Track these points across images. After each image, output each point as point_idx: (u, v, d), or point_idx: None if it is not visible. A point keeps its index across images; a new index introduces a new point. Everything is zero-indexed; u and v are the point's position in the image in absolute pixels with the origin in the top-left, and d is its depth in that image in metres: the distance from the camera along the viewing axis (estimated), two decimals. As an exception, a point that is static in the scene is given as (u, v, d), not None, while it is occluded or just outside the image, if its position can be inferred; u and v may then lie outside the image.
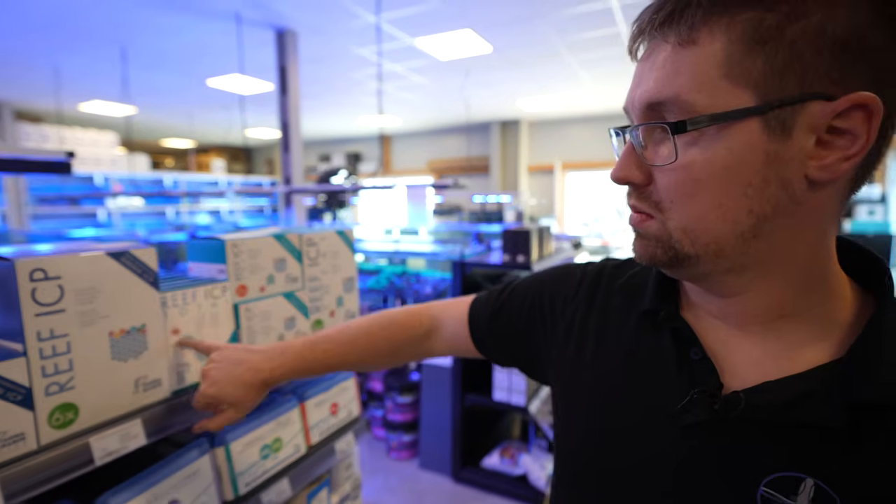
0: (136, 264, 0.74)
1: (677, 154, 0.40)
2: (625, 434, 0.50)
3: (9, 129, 6.55)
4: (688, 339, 0.48)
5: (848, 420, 0.38)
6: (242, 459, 0.96)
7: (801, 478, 0.39)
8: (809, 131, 0.37)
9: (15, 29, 3.98)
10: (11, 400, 0.61)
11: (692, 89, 0.39)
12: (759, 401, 0.41)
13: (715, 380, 0.45)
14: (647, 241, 0.45)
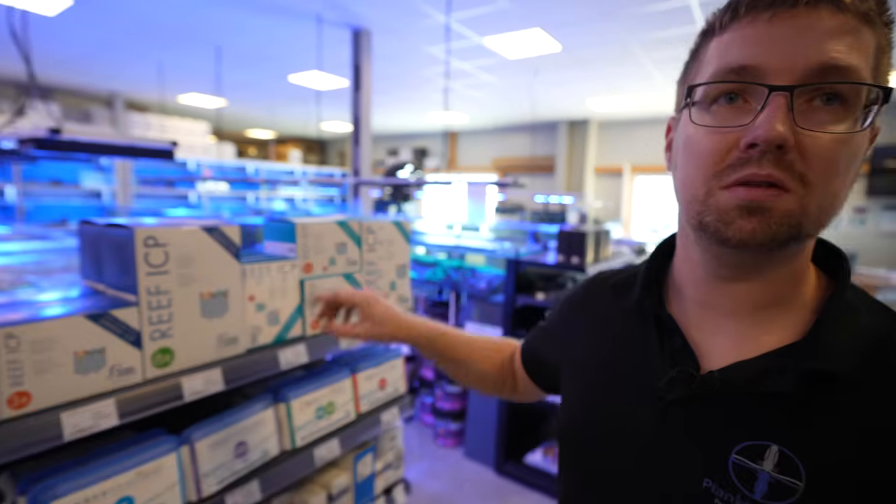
0: (224, 238, 0.88)
1: (865, 124, 0.40)
2: (608, 410, 0.54)
3: (120, 118, 7.36)
4: (670, 329, 0.52)
5: (802, 389, 0.42)
6: (300, 416, 1.09)
7: (766, 445, 0.43)
8: (873, 130, 0.43)
9: (128, 29, 4.49)
10: (126, 339, 0.77)
11: (865, 68, 0.40)
12: (730, 378, 0.45)
13: (693, 362, 0.49)
14: (770, 218, 0.41)
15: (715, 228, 0.43)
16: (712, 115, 0.44)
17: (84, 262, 0.94)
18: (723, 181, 0.43)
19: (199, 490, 0.90)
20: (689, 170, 0.46)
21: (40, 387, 0.68)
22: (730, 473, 0.43)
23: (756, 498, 0.42)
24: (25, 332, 0.66)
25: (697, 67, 0.48)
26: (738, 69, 0.42)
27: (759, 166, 0.40)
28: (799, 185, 0.40)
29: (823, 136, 0.40)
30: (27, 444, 0.66)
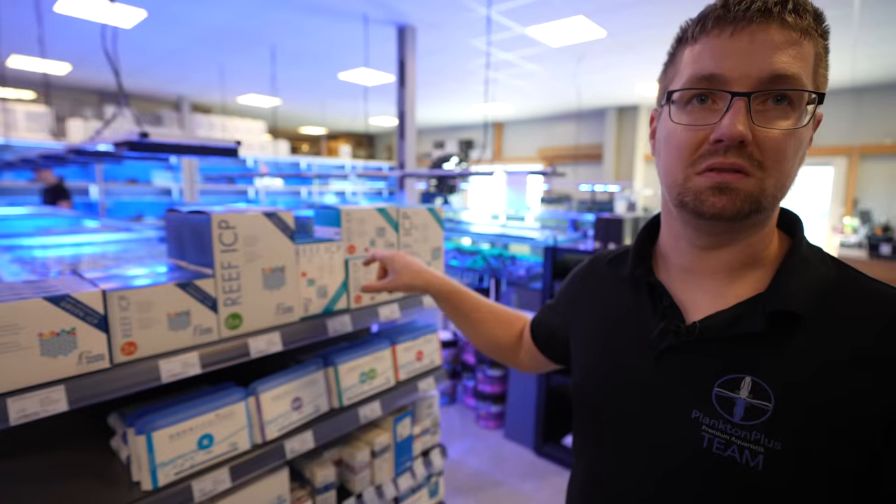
0: (281, 222, 1.04)
1: (808, 120, 0.51)
2: (611, 365, 0.65)
3: (187, 119, 7.94)
4: (660, 292, 0.63)
5: (769, 328, 0.52)
6: (346, 379, 1.25)
7: (741, 377, 0.53)
8: (814, 121, 0.53)
9: (193, 37, 4.86)
10: (205, 304, 0.94)
11: (806, 74, 0.50)
12: (709, 325, 0.56)
13: (680, 317, 0.59)
14: (734, 195, 0.51)
15: (693, 206, 0.53)
16: (687, 114, 0.54)
17: (169, 244, 1.13)
18: (697, 168, 0.53)
19: (264, 434, 1.07)
20: (669, 159, 0.56)
21: (144, 339, 0.86)
22: (713, 403, 0.53)
23: (735, 420, 0.52)
24: (133, 294, 0.84)
25: (674, 70, 0.57)
26: (708, 76, 0.51)
27: (724, 156, 0.50)
28: (757, 169, 0.50)
29: (774, 131, 0.50)
30: (136, 382, 0.84)
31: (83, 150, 1.71)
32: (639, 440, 0.60)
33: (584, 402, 0.70)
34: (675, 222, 0.61)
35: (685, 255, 0.61)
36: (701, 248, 0.58)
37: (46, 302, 0.74)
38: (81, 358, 0.79)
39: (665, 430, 0.57)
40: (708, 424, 0.53)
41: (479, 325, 0.94)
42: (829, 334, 0.51)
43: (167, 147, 1.36)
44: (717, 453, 0.52)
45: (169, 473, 0.91)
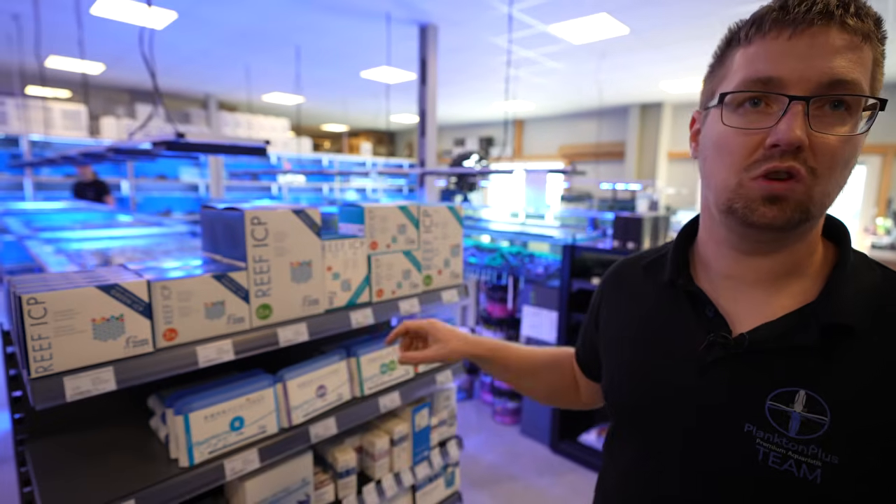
0: (308, 219, 1.10)
1: (865, 128, 0.50)
2: (654, 380, 0.62)
3: (214, 117, 8.14)
4: (703, 301, 0.60)
5: (822, 341, 0.51)
6: (368, 370, 1.30)
7: (795, 391, 0.51)
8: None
9: (221, 37, 5.00)
10: (238, 295, 1.01)
11: (864, 80, 0.49)
12: (759, 337, 0.54)
13: (726, 328, 0.57)
14: (785, 205, 0.50)
15: (742, 213, 0.52)
16: (740, 117, 0.52)
17: (204, 238, 1.20)
18: (752, 173, 0.51)
19: (290, 419, 1.13)
20: (720, 163, 0.54)
21: (183, 326, 0.93)
22: (767, 417, 0.52)
23: (791, 435, 0.51)
24: (174, 285, 0.91)
25: (724, 73, 0.55)
26: (765, 80, 0.50)
27: (780, 160, 0.49)
28: (810, 175, 0.49)
29: (831, 138, 0.49)
30: (176, 366, 0.91)
31: (123, 148, 1.80)
32: (685, 450, 0.58)
33: (624, 419, 0.68)
34: (718, 227, 0.59)
35: (727, 262, 0.59)
36: (744, 253, 0.57)
37: (98, 290, 0.81)
38: (128, 342, 0.86)
39: (716, 442, 0.55)
40: (763, 438, 0.52)
41: (533, 378, 0.89)
42: (883, 345, 0.51)
43: (201, 147, 1.43)
44: (773, 467, 0.51)
45: (203, 452, 0.98)
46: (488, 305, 3.62)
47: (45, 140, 6.44)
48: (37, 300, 0.74)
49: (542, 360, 0.89)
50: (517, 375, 0.88)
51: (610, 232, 3.26)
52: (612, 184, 6.03)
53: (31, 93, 7.12)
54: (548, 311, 3.07)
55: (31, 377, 0.74)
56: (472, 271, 3.62)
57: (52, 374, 0.76)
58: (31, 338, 0.74)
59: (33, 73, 6.18)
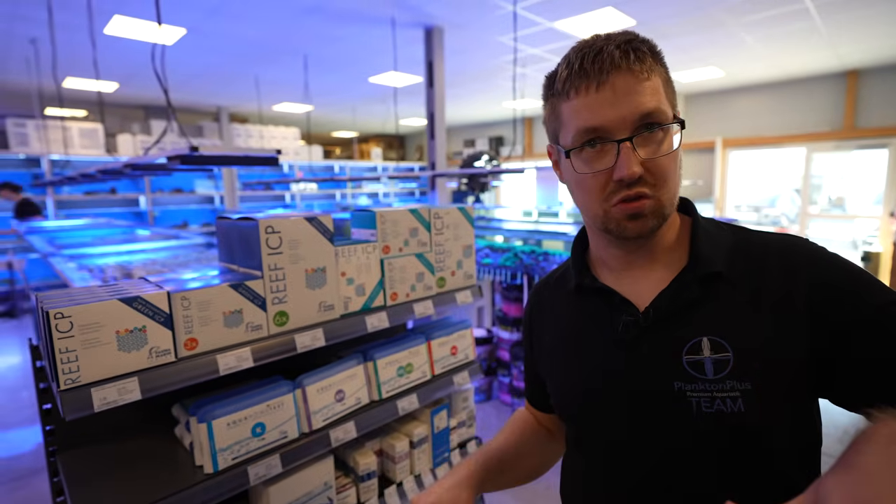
0: (321, 226, 1.12)
1: (678, 142, 0.63)
2: (586, 370, 0.70)
3: (225, 129, 8.27)
4: (609, 293, 0.70)
5: (703, 292, 0.63)
6: (385, 373, 1.31)
7: (699, 340, 0.61)
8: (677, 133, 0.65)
9: (230, 50, 5.08)
10: (255, 303, 1.02)
11: (663, 101, 0.62)
12: (659, 306, 0.64)
13: (633, 309, 0.66)
14: (645, 218, 0.62)
15: (617, 231, 0.64)
16: (585, 161, 0.63)
17: (220, 248, 1.22)
18: (610, 202, 0.63)
19: (310, 424, 1.15)
20: (586, 199, 0.66)
21: (203, 335, 0.95)
22: (687, 369, 0.61)
23: (709, 377, 0.60)
24: (193, 295, 0.93)
25: (559, 122, 0.66)
26: (591, 129, 0.61)
27: (629, 189, 0.61)
28: (654, 189, 0.61)
29: (659, 158, 0.61)
30: (197, 375, 0.93)
31: (139, 164, 1.85)
32: (635, 428, 0.65)
33: (572, 413, 0.74)
34: (600, 238, 0.71)
35: (618, 259, 0.71)
36: (628, 251, 0.69)
37: (121, 303, 0.83)
38: (151, 352, 0.88)
39: (656, 409, 0.63)
40: (691, 390, 0.60)
41: (528, 458, 0.87)
42: (744, 280, 0.62)
43: (215, 159, 1.46)
44: (706, 412, 0.59)
45: (227, 458, 1.00)
46: (504, 305, 3.61)
47: (64, 159, 6.61)
48: (63, 314, 0.77)
49: (513, 438, 0.87)
50: (511, 468, 0.85)
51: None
52: (624, 178, 5.94)
53: (50, 113, 7.32)
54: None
55: (61, 389, 0.77)
56: (486, 272, 3.61)
57: (80, 386, 0.79)
58: (59, 351, 0.76)
59: (51, 95, 6.36)
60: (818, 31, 4.67)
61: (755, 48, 5.17)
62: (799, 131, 6.82)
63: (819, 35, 4.77)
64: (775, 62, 5.81)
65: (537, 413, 0.90)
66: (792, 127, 6.89)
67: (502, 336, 3.64)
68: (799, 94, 6.82)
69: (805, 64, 5.92)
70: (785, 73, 6.42)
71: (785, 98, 6.94)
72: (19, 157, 6.55)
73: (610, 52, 0.59)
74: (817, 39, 4.92)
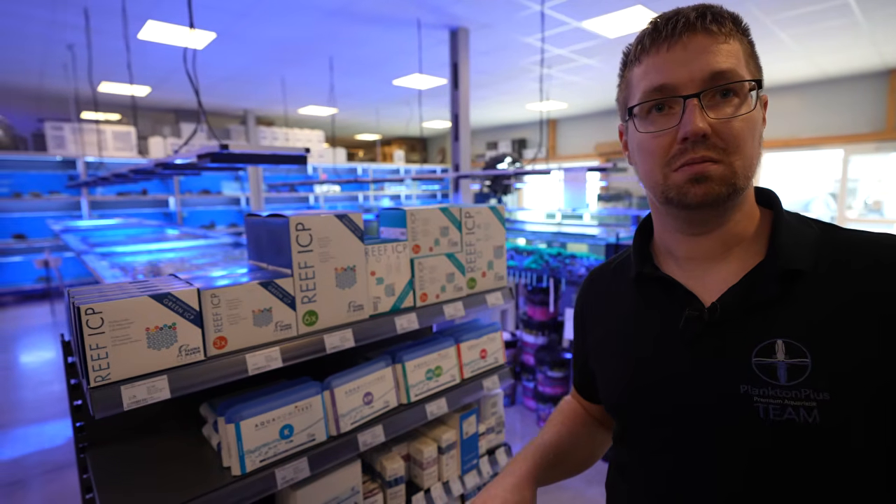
0: (351, 223, 1.09)
1: (754, 105, 0.57)
2: (645, 368, 0.64)
3: (252, 131, 8.41)
4: (672, 284, 0.64)
5: (781, 290, 0.57)
6: (413, 376, 1.28)
7: (773, 342, 0.56)
8: (762, 103, 0.60)
9: (258, 53, 5.15)
10: (285, 302, 1.00)
11: (740, 66, 0.57)
12: (728, 301, 0.59)
13: (697, 303, 0.61)
14: (710, 182, 0.57)
15: (678, 199, 0.59)
16: (651, 123, 0.60)
17: (249, 246, 1.21)
18: (672, 166, 0.58)
19: (339, 427, 1.12)
20: (646, 165, 0.62)
21: (232, 334, 0.93)
22: (757, 373, 0.56)
23: (782, 383, 0.54)
24: (223, 293, 0.91)
25: (629, 90, 0.64)
26: (659, 87, 0.58)
27: (694, 151, 0.56)
28: (724, 155, 0.56)
29: (729, 120, 0.56)
30: (226, 374, 0.91)
31: (169, 163, 1.86)
32: (690, 430, 0.60)
33: (622, 409, 0.69)
34: (665, 218, 0.66)
35: (682, 246, 0.65)
36: (693, 235, 0.63)
37: (151, 299, 0.82)
38: (181, 350, 0.86)
39: (717, 412, 0.58)
40: (759, 395, 0.55)
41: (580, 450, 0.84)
42: (832, 284, 0.56)
43: (244, 157, 1.45)
44: (775, 419, 0.54)
45: (255, 460, 0.97)
46: (528, 308, 3.55)
47: (98, 161, 6.81)
48: (94, 310, 0.75)
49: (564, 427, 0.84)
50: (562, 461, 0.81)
51: (654, 229, 3.13)
52: (652, 180, 5.80)
53: (86, 117, 7.56)
54: (591, 313, 2.97)
55: (91, 387, 0.75)
56: (510, 274, 3.55)
57: (110, 384, 0.77)
58: (89, 347, 0.75)
59: (87, 99, 6.56)
60: (859, 28, 4.47)
61: (791, 46, 4.99)
62: (837, 132, 6.56)
63: (860, 32, 4.57)
64: (812, 60, 5.60)
65: (585, 403, 0.88)
66: (830, 128, 6.64)
67: (527, 340, 3.57)
68: (837, 93, 6.56)
69: (844, 62, 5.69)
70: (822, 72, 6.18)
71: (822, 98, 6.69)
72: (56, 159, 6.78)
73: (686, 14, 0.57)
74: (858, 37, 4.71)
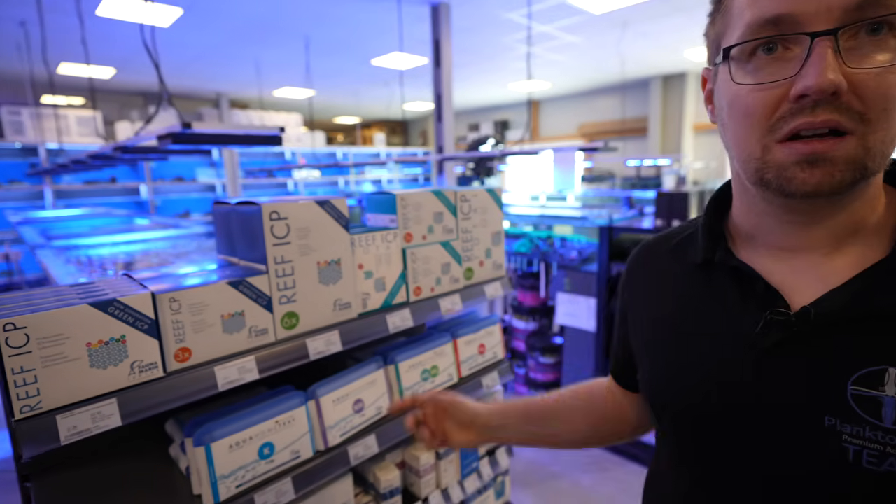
0: (334, 211, 0.95)
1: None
2: (701, 372, 0.52)
3: (225, 115, 8.07)
4: (749, 276, 0.49)
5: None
6: (408, 378, 1.16)
7: (884, 369, 0.41)
8: None
9: (229, 31, 4.86)
10: (260, 303, 0.86)
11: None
12: (827, 308, 0.43)
13: (782, 302, 0.46)
14: (834, 166, 0.40)
15: (777, 184, 0.43)
16: (753, 71, 0.42)
17: (218, 239, 1.06)
18: (777, 135, 0.41)
19: (326, 441, 0.99)
20: (740, 129, 0.45)
21: (198, 343, 0.79)
22: (852, 405, 0.42)
23: (887, 426, 0.40)
24: (184, 296, 0.76)
25: (726, 20, 0.45)
26: (774, 19, 0.40)
27: (812, 114, 0.39)
28: (859, 124, 0.39)
29: (875, 71, 0.38)
30: (191, 392, 0.77)
31: (129, 146, 1.68)
32: (754, 459, 0.48)
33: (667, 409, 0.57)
34: (753, 198, 0.50)
35: (775, 233, 0.49)
36: (794, 223, 0.47)
37: (92, 308, 0.67)
38: (133, 367, 0.72)
39: (791, 446, 0.45)
40: (851, 433, 0.42)
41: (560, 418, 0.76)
42: None
43: (211, 137, 1.29)
44: (869, 468, 0.41)
45: (230, 486, 0.85)
46: (519, 294, 3.45)
47: (60, 148, 6.45)
48: (15, 325, 0.61)
49: (568, 394, 0.77)
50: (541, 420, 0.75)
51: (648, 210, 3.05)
52: (639, 160, 5.76)
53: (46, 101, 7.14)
54: (584, 297, 2.89)
55: (16, 419, 0.61)
56: (500, 259, 3.45)
57: (42, 414, 0.63)
58: (11, 371, 0.61)
59: (45, 82, 6.16)
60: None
61: (778, 21, 4.92)
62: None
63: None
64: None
65: (618, 389, 0.75)
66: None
67: (517, 326, 3.49)
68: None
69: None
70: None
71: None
72: (15, 146, 6.39)
73: None
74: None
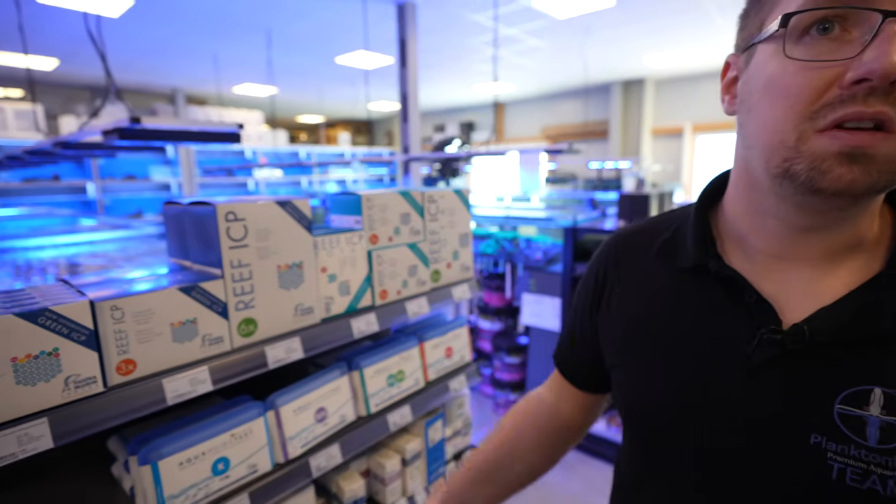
0: (296, 212, 0.90)
1: None
2: (685, 382, 0.50)
3: (181, 111, 7.75)
4: (740, 285, 0.48)
5: None
6: (373, 384, 1.12)
7: (869, 389, 0.41)
8: None
9: (185, 23, 4.66)
10: (214, 310, 0.81)
11: None
12: (820, 327, 0.43)
13: (774, 317, 0.46)
14: (873, 165, 0.37)
15: (807, 178, 0.39)
16: (804, 48, 0.39)
17: (170, 242, 0.99)
18: (818, 123, 0.38)
19: (286, 453, 0.94)
20: (774, 112, 0.41)
21: (143, 355, 0.73)
22: (837, 424, 0.42)
23: (871, 444, 0.40)
24: (128, 303, 0.70)
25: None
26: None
27: (865, 104, 0.36)
28: None
29: None
30: (135, 407, 0.71)
31: (71, 142, 1.57)
32: (738, 475, 0.47)
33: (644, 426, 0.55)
34: (762, 196, 0.47)
35: (774, 238, 0.47)
36: (797, 228, 0.45)
37: (18, 318, 0.60)
38: (68, 383, 0.65)
39: (776, 462, 0.45)
40: (836, 451, 0.42)
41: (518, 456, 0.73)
42: None
43: (163, 133, 1.21)
44: (852, 485, 0.41)
45: (182, 506, 0.79)
46: (485, 294, 3.46)
47: (-3, 143, 6.01)
48: (-73, 339, 0.54)
49: (513, 429, 0.74)
50: (498, 469, 0.72)
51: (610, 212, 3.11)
52: (601, 163, 5.89)
53: (-19, 93, 6.65)
54: (550, 297, 2.92)
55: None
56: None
57: (-41, 438, 0.57)
58: (-78, 392, 0.54)
59: (-20, 71, 5.74)
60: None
61: (725, 30, 5.13)
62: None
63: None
64: (748, 47, 5.81)
65: (566, 389, 0.71)
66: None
67: (483, 326, 3.49)
68: (767, 79, 6.90)
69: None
70: (755, 59, 6.45)
71: (754, 84, 7.01)
72: (-55, 140, 5.92)
73: None
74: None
